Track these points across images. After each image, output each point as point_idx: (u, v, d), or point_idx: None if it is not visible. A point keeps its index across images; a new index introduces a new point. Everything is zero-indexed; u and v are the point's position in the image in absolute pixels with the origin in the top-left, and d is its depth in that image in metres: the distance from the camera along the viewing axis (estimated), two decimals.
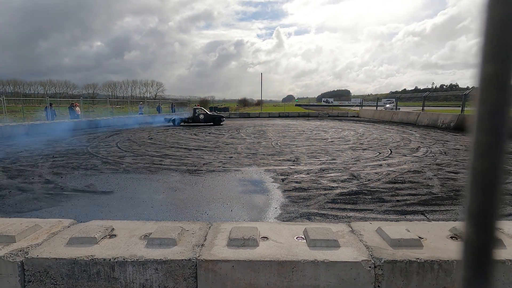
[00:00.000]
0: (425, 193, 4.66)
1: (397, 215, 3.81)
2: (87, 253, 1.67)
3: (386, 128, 16.77)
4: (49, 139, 12.05)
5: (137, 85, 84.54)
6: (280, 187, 5.13)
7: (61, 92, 74.41)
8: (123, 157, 8.02)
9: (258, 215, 3.96)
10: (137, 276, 1.62)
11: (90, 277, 1.63)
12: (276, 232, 1.94)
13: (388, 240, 1.77)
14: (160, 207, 4.23)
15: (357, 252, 1.68)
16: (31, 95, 69.19)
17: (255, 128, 17.35)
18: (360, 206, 4.15)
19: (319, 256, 1.63)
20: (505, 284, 1.57)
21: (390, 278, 1.60)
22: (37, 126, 14.70)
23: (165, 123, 20.21)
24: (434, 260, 1.60)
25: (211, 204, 4.35)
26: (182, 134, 13.68)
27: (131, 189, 5.10)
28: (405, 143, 10.39)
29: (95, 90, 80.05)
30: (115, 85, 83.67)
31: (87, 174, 6.14)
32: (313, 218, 3.76)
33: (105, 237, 1.86)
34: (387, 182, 5.30)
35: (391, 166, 6.60)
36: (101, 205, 4.34)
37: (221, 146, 9.86)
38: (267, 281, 1.60)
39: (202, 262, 1.61)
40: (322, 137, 12.29)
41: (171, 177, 5.87)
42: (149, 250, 1.70)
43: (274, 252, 1.68)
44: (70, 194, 4.84)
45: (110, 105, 26.70)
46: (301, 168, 6.48)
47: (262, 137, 12.44)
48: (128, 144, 10.55)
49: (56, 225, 2.08)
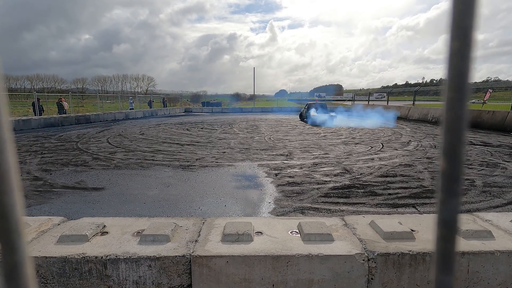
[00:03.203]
0: (416, 186, 4.74)
1: (389, 208, 3.87)
2: (78, 251, 1.63)
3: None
4: (37, 135, 11.78)
5: (127, 80, 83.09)
6: (274, 181, 5.14)
7: (48, 87, 72.62)
8: (114, 152, 7.90)
9: (252, 210, 3.96)
10: (130, 273, 1.60)
11: (82, 275, 1.60)
12: (270, 227, 1.94)
13: (381, 233, 1.79)
14: (152, 203, 4.19)
15: (351, 246, 1.69)
16: (18, 89, 67.32)
17: (248, 123, 17.31)
18: (352, 199, 4.20)
19: (314, 250, 1.63)
20: (494, 274, 1.61)
21: (383, 271, 1.61)
22: (24, 122, 14.33)
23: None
24: (426, 252, 1.62)
25: (204, 200, 4.34)
26: (174, 130, 13.55)
27: (122, 185, 5.03)
28: (396, 137, 10.53)
29: (84, 84, 78.36)
30: (105, 80, 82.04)
31: (77, 170, 6.03)
32: (307, 212, 3.78)
33: (96, 235, 1.83)
34: (379, 176, 5.37)
35: (383, 160, 6.68)
36: (92, 202, 4.27)
37: (214, 141, 9.81)
38: (261, 275, 1.60)
39: (196, 258, 1.60)
40: (314, 132, 12.34)
41: (163, 172, 5.82)
42: (142, 247, 1.67)
43: (269, 246, 1.68)
44: (59, 191, 4.75)
45: (100, 100, 26.18)
46: (294, 163, 6.51)
47: (255, 132, 12.42)
48: (119, 139, 10.39)
49: (45, 222, 2.03)
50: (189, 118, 21.46)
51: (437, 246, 0.32)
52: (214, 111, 32.67)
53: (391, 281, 1.62)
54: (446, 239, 0.31)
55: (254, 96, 44.69)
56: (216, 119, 20.07)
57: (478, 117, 14.04)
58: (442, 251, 0.32)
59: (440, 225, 0.32)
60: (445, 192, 0.31)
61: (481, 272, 1.62)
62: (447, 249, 0.31)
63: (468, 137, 10.41)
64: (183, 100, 45.33)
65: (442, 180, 0.31)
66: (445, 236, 0.31)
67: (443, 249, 0.32)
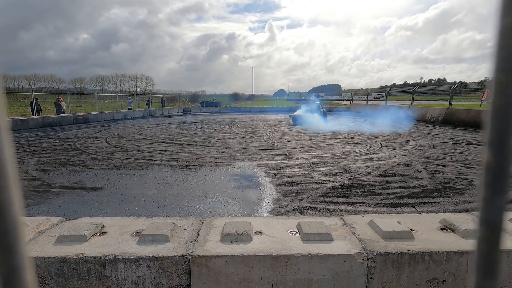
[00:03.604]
0: (415, 186, 4.75)
1: (388, 208, 3.87)
2: (76, 251, 1.63)
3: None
4: (35, 135, 11.73)
5: (126, 79, 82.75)
6: (273, 181, 5.14)
7: (46, 86, 72.27)
8: (113, 152, 7.87)
9: (251, 210, 3.96)
10: (129, 274, 1.60)
11: (81, 276, 1.59)
12: (270, 226, 1.94)
13: (380, 232, 1.79)
14: (151, 203, 4.18)
15: (350, 245, 1.69)
16: (15, 89, 66.95)
17: (246, 122, 17.30)
18: (351, 199, 4.20)
19: (313, 250, 1.63)
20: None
21: (383, 270, 1.62)
22: (22, 122, 14.27)
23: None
24: (425, 252, 1.62)
25: (203, 200, 4.33)
26: (173, 129, 13.53)
27: (121, 185, 5.02)
28: (394, 137, 10.55)
29: (83, 84, 78.02)
30: (103, 79, 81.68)
31: (75, 170, 6.01)
32: (306, 212, 3.79)
33: (95, 235, 1.82)
34: (378, 176, 5.38)
35: (382, 160, 6.69)
36: (90, 202, 4.26)
37: (212, 141, 9.80)
38: (261, 275, 1.60)
39: (195, 258, 1.59)
40: (313, 132, 12.35)
41: (162, 172, 5.81)
42: (141, 247, 1.67)
43: (268, 246, 1.67)
44: (58, 191, 4.73)
45: (99, 99, 26.09)
46: (293, 163, 6.51)
47: (254, 132, 12.42)
48: (118, 139, 10.37)
49: (43, 223, 2.02)
50: (188, 118, 21.43)
51: (479, 248, 0.29)
52: (213, 111, 32.63)
53: (390, 280, 1.62)
54: (490, 240, 0.28)
55: (253, 96, 44.69)
56: (215, 119, 20.05)
57: (477, 117, 14.12)
58: (485, 253, 0.29)
59: (483, 225, 0.28)
60: (490, 189, 0.28)
61: None
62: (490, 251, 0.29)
63: (467, 137, 10.45)
64: (181, 100, 45.26)
65: (487, 175, 0.28)
66: (489, 237, 0.28)
67: (486, 251, 0.29)
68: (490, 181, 0.28)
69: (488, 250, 0.29)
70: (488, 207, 0.28)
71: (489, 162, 0.27)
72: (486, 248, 0.29)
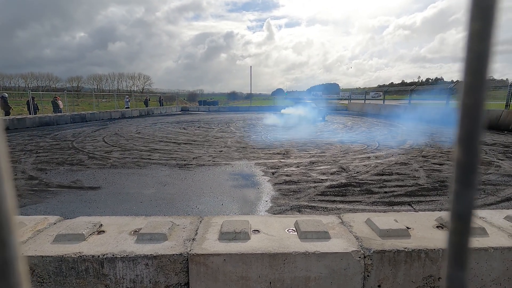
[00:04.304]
0: (412, 185, 4.78)
1: (385, 206, 3.90)
2: (74, 250, 1.63)
3: (374, 121, 17.04)
4: (32, 134, 11.66)
5: (123, 78, 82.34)
6: (271, 180, 5.15)
7: (43, 85, 71.78)
8: (110, 151, 7.85)
9: (249, 208, 3.97)
10: (127, 272, 1.60)
11: (79, 274, 1.60)
12: (268, 225, 1.95)
13: (377, 230, 1.80)
14: (149, 202, 4.18)
15: (347, 243, 1.71)
16: (12, 88, 66.46)
17: (245, 121, 17.30)
18: (349, 198, 4.22)
19: (310, 248, 1.64)
20: (488, 270, 1.64)
21: (379, 268, 1.63)
22: (19, 121, 14.18)
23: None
24: (421, 249, 1.64)
25: (201, 198, 4.33)
26: (171, 128, 13.50)
27: (119, 184, 5.01)
28: (392, 135, 10.60)
29: (80, 83, 77.53)
30: (101, 78, 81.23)
31: (73, 169, 5.99)
32: (304, 211, 3.80)
33: (93, 234, 1.82)
34: (375, 174, 5.40)
35: (379, 159, 6.72)
36: (88, 201, 4.25)
37: (210, 140, 9.80)
38: (259, 273, 1.61)
39: (193, 257, 1.60)
40: (311, 131, 12.38)
41: (160, 171, 5.80)
42: (139, 246, 1.67)
43: (266, 244, 1.68)
44: (55, 190, 4.72)
45: (96, 98, 25.97)
46: (291, 161, 6.52)
47: (252, 131, 12.42)
48: (115, 138, 10.33)
49: (41, 222, 2.02)
50: (186, 117, 21.39)
51: (449, 240, 0.30)
52: (211, 110, 32.57)
53: (387, 278, 1.64)
54: (460, 233, 0.30)
55: (251, 94, 44.64)
56: (213, 118, 20.03)
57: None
58: (455, 246, 0.30)
59: (454, 218, 0.30)
60: (460, 183, 0.29)
61: (475, 268, 1.64)
62: (460, 244, 0.30)
63: None
64: (179, 98, 45.12)
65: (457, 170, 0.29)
66: (459, 230, 0.30)
67: (456, 243, 0.30)
68: (461, 176, 0.29)
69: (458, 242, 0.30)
70: (458, 201, 0.30)
71: (459, 158, 0.29)
72: (456, 240, 0.30)
